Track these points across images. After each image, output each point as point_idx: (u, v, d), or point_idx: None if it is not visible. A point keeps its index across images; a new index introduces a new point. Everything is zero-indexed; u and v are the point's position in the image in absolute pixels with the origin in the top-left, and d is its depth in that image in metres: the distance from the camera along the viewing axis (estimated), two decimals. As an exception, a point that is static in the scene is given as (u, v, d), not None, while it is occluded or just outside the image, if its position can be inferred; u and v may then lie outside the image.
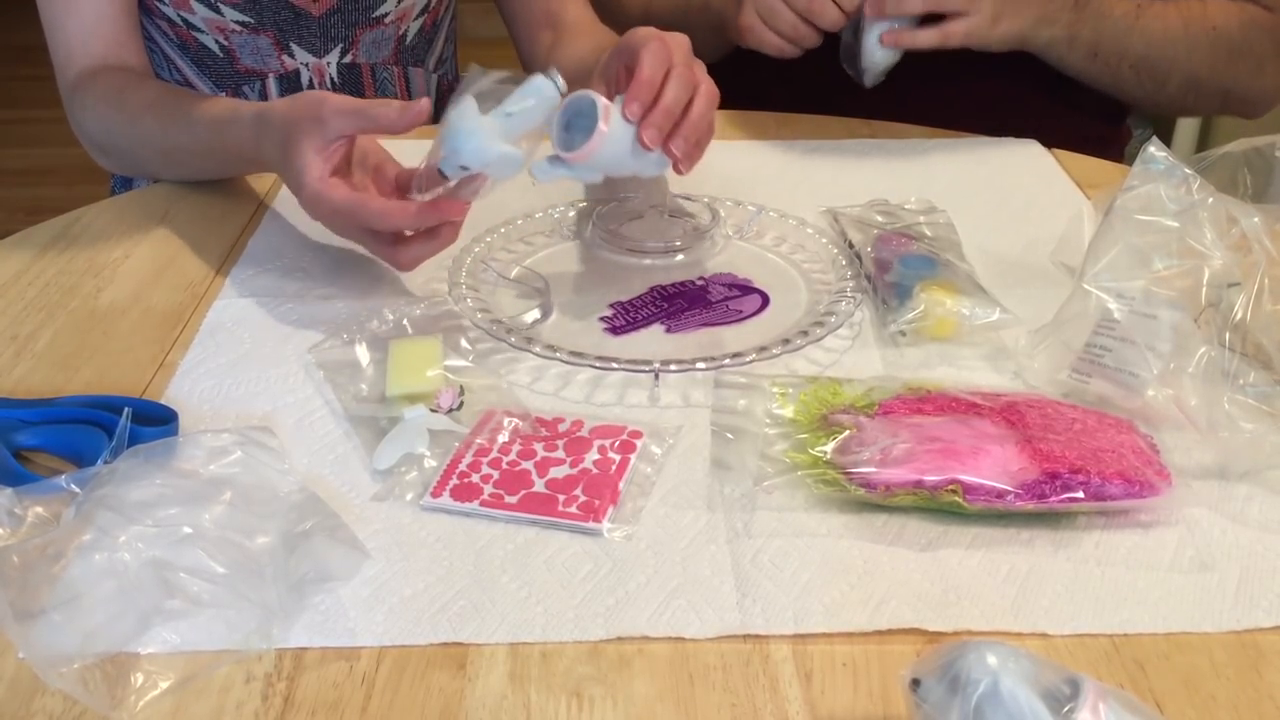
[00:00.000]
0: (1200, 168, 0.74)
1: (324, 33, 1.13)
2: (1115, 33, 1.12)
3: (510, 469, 0.67)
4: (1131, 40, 1.13)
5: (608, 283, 0.88)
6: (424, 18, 1.18)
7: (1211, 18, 1.14)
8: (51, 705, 0.53)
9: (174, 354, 0.79)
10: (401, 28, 1.17)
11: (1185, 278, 0.70)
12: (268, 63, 1.13)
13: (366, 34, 1.15)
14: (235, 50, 1.12)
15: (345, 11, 1.13)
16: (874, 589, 0.60)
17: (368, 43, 1.15)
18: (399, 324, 0.79)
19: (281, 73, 1.14)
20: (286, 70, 1.14)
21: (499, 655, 0.56)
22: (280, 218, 0.97)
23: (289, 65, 1.14)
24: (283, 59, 1.13)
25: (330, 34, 1.14)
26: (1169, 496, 0.64)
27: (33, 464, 0.67)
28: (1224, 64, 1.15)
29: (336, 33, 1.14)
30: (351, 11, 1.13)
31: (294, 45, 1.13)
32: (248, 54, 1.13)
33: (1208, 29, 1.14)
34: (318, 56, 1.14)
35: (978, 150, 1.11)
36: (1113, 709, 0.43)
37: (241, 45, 1.12)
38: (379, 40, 1.16)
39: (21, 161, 3.16)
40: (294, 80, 1.15)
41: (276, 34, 1.12)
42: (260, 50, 1.12)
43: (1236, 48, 1.15)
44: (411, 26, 1.18)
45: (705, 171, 1.05)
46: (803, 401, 0.71)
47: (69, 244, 0.93)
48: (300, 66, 1.14)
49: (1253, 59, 1.16)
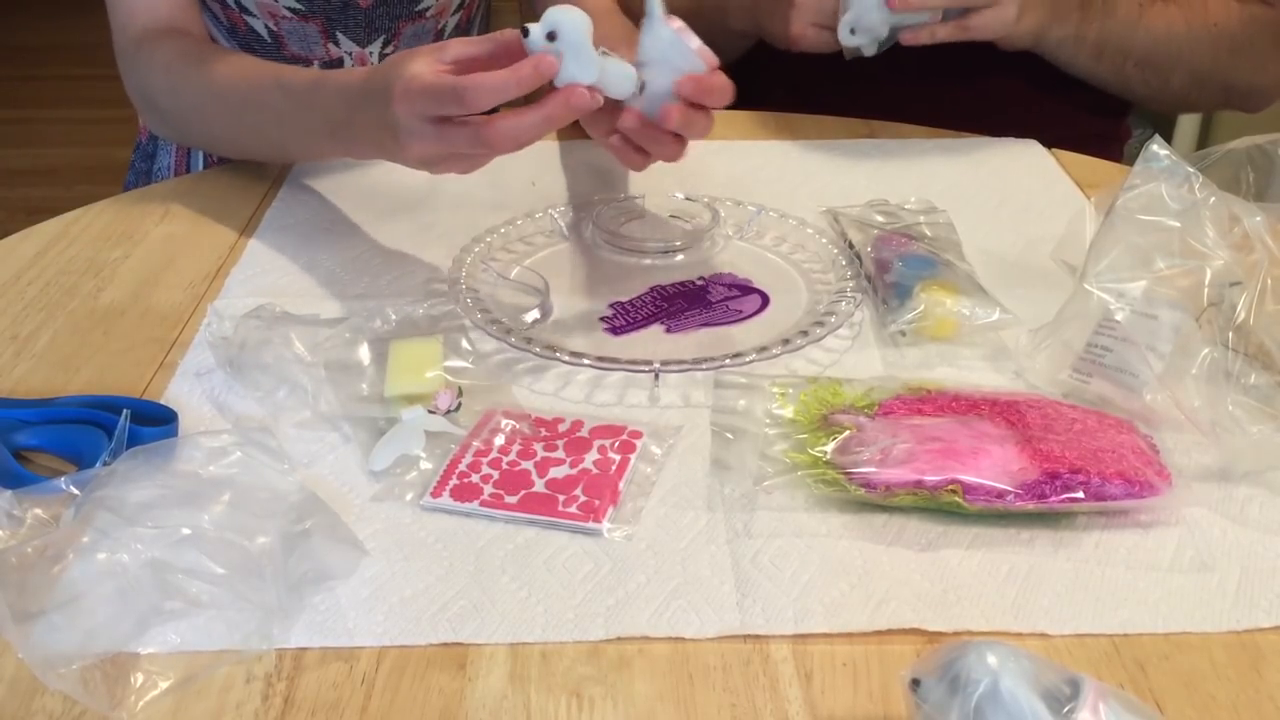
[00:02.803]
0: (1202, 165, 0.74)
1: (369, 23, 1.15)
2: (1120, 31, 1.13)
3: (510, 469, 0.67)
4: (1135, 38, 1.13)
5: (608, 283, 0.88)
6: (460, 13, 1.20)
7: (1212, 14, 1.14)
8: (51, 705, 0.53)
9: (174, 354, 0.79)
10: (441, 21, 1.18)
11: (1187, 277, 0.70)
12: (313, 50, 1.15)
13: (409, 26, 1.16)
14: (284, 36, 1.13)
15: (390, 4, 1.14)
16: (874, 589, 0.59)
17: (409, 35, 1.17)
18: (399, 324, 0.79)
19: (326, 59, 1.15)
20: (331, 58, 1.15)
21: (499, 655, 0.56)
22: (281, 218, 0.97)
23: (333, 53, 1.15)
24: (328, 47, 1.14)
25: (375, 25, 1.15)
26: (1169, 497, 0.64)
27: (33, 464, 0.67)
28: (1226, 60, 1.16)
29: (381, 24, 1.15)
30: (396, 4, 1.14)
31: (339, 34, 1.14)
32: (295, 40, 1.14)
33: (1209, 25, 1.14)
34: (361, 46, 1.15)
35: (978, 150, 1.11)
36: (1113, 709, 0.43)
37: (290, 31, 1.13)
38: (419, 33, 1.17)
39: (21, 161, 3.16)
40: (337, 66, 1.16)
41: (325, 22, 1.13)
42: (307, 37, 1.13)
43: (1238, 43, 1.15)
44: (450, 21, 1.19)
45: (705, 171, 1.06)
46: (803, 401, 0.71)
47: (69, 244, 0.93)
48: (344, 55, 1.15)
49: (1254, 54, 1.16)
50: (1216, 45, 1.15)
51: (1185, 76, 1.16)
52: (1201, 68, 1.16)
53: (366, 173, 1.05)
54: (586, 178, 1.05)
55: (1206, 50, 1.15)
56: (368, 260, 0.91)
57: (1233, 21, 1.14)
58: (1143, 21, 1.13)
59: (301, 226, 0.96)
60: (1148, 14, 1.13)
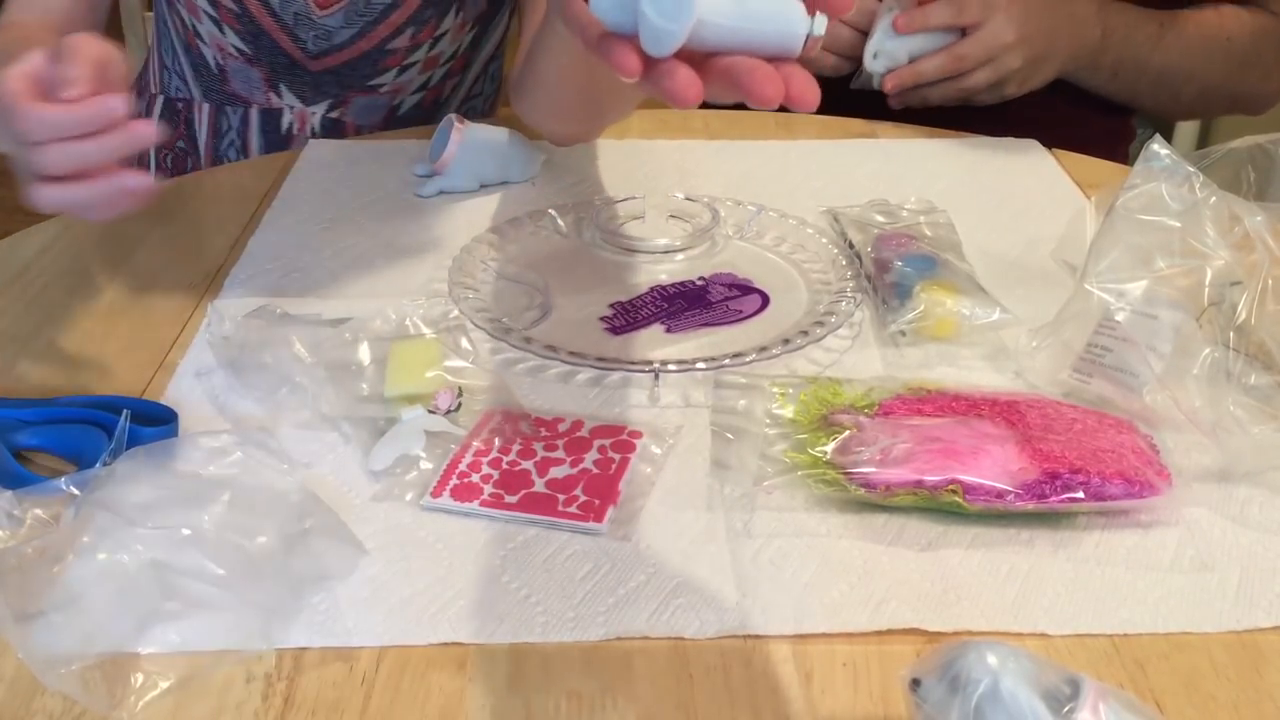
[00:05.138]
0: (1203, 165, 0.74)
1: (315, 86, 1.14)
2: (1138, 54, 1.13)
3: (510, 469, 0.67)
4: (1152, 59, 1.14)
5: (608, 283, 0.88)
6: (423, 94, 1.18)
7: (1227, 28, 1.14)
8: (51, 705, 0.53)
9: (174, 354, 0.79)
10: (396, 99, 1.17)
11: (1187, 277, 0.70)
12: (254, 94, 1.14)
13: (359, 97, 1.15)
14: (229, 72, 1.13)
15: (341, 75, 1.13)
16: (874, 589, 0.59)
17: (359, 105, 1.15)
18: (400, 324, 0.79)
19: (266, 106, 1.14)
20: (271, 106, 1.14)
21: (499, 655, 0.56)
22: (280, 218, 0.97)
23: (274, 103, 1.14)
24: (269, 95, 1.13)
25: (322, 89, 1.14)
26: (1169, 497, 0.64)
27: (33, 464, 0.67)
28: (1236, 73, 1.16)
29: (328, 89, 1.14)
30: (348, 76, 1.13)
31: (283, 87, 1.13)
32: (238, 80, 1.13)
33: (1223, 40, 1.14)
34: (305, 105, 1.14)
35: (978, 150, 1.11)
36: (1113, 709, 0.43)
37: (235, 70, 1.12)
38: (371, 106, 1.16)
39: (22, 162, 3.15)
40: (275, 116, 1.15)
41: (269, 72, 1.12)
42: (250, 81, 1.13)
43: (1248, 57, 1.16)
44: (408, 100, 1.18)
45: (705, 171, 1.06)
46: (803, 401, 0.71)
47: (69, 244, 0.93)
48: (286, 108, 1.14)
49: (1261, 66, 1.17)
50: (1228, 59, 1.15)
51: (1196, 90, 1.17)
52: (1213, 82, 1.16)
53: (366, 172, 1.05)
54: (586, 178, 1.05)
55: (1219, 65, 1.15)
56: (368, 260, 0.91)
57: (1245, 34, 1.15)
58: (1161, 44, 1.13)
59: (301, 226, 0.96)
60: (1167, 35, 1.13)
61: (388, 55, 1.13)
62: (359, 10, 1.10)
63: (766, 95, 0.51)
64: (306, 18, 1.10)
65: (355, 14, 1.10)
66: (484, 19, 1.18)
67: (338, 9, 1.09)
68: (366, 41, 1.11)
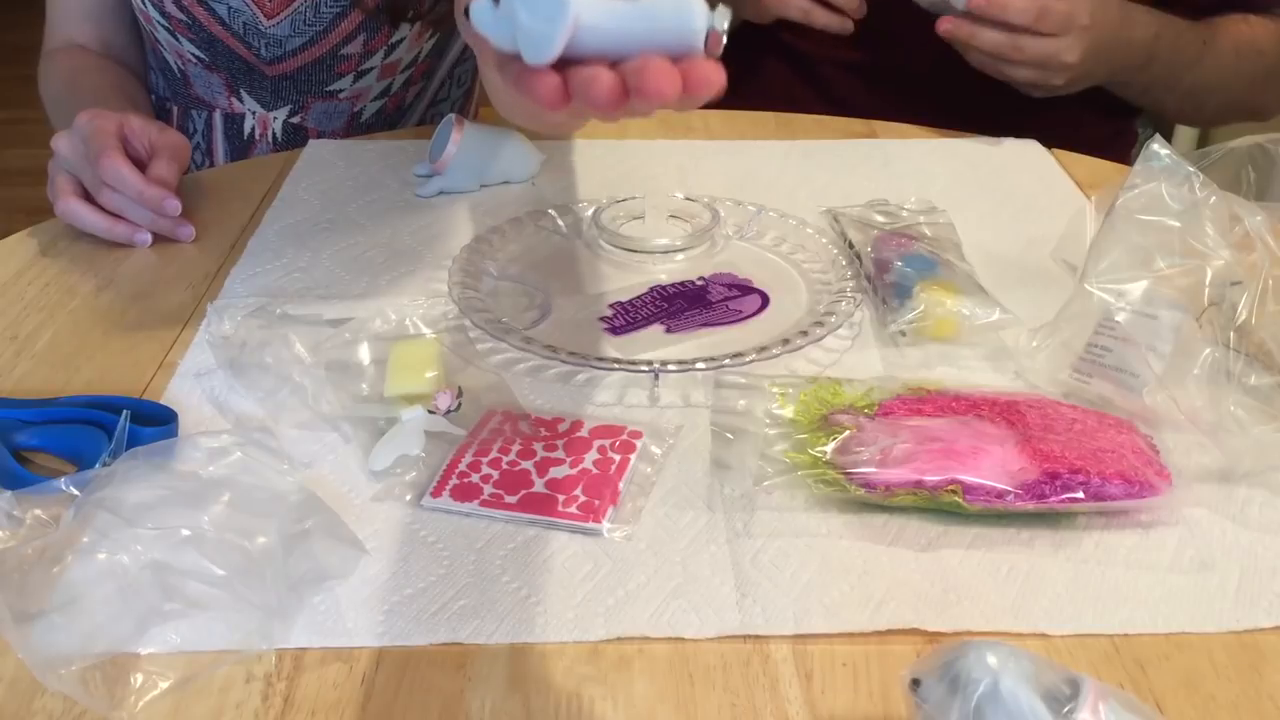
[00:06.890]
0: (1203, 165, 0.74)
1: (275, 91, 1.14)
2: (1175, 73, 1.13)
3: (510, 469, 0.67)
4: (1186, 76, 1.13)
5: (608, 283, 0.88)
6: (385, 100, 1.18)
7: (1258, 41, 1.14)
8: (51, 705, 0.53)
9: (174, 354, 0.79)
10: (357, 106, 1.17)
11: (1187, 277, 0.70)
12: (216, 99, 1.14)
13: (318, 103, 1.15)
14: (190, 77, 1.13)
15: (298, 80, 1.13)
16: (874, 589, 0.59)
17: (319, 111, 1.15)
18: (400, 324, 0.79)
19: (229, 111, 1.15)
20: (234, 111, 1.15)
21: (499, 655, 0.56)
22: (280, 218, 0.97)
23: (236, 108, 1.14)
24: (231, 100, 1.14)
25: (281, 94, 1.14)
26: (1169, 497, 0.64)
27: (33, 464, 0.67)
28: (1261, 85, 1.17)
29: (287, 94, 1.14)
30: (305, 81, 1.13)
31: (244, 92, 1.13)
32: (200, 84, 1.14)
33: (1254, 54, 1.14)
34: (266, 110, 1.14)
35: (978, 150, 1.11)
36: (1113, 709, 0.43)
37: (196, 76, 1.13)
38: (331, 112, 1.16)
39: (21, 161, 3.16)
40: (238, 122, 1.16)
41: (229, 77, 1.12)
42: (211, 85, 1.13)
43: (1273, 69, 1.16)
44: (369, 107, 1.18)
45: (705, 171, 1.06)
46: (803, 402, 0.71)
47: (69, 244, 0.93)
48: (248, 112, 1.15)
49: None
50: (1255, 73, 1.15)
51: (1221, 102, 1.17)
52: (1237, 95, 1.17)
53: (367, 172, 1.05)
54: (586, 178, 1.05)
55: (1246, 80, 1.16)
56: (368, 260, 0.91)
57: (1273, 47, 1.15)
58: (1200, 63, 1.13)
59: (301, 226, 0.96)
60: (1206, 55, 1.12)
61: (341, 61, 1.13)
62: (306, 20, 1.10)
63: (661, 90, 0.46)
64: (255, 28, 1.10)
65: (303, 23, 1.10)
66: (444, 24, 1.17)
67: (283, 19, 1.09)
68: (318, 48, 1.12)
